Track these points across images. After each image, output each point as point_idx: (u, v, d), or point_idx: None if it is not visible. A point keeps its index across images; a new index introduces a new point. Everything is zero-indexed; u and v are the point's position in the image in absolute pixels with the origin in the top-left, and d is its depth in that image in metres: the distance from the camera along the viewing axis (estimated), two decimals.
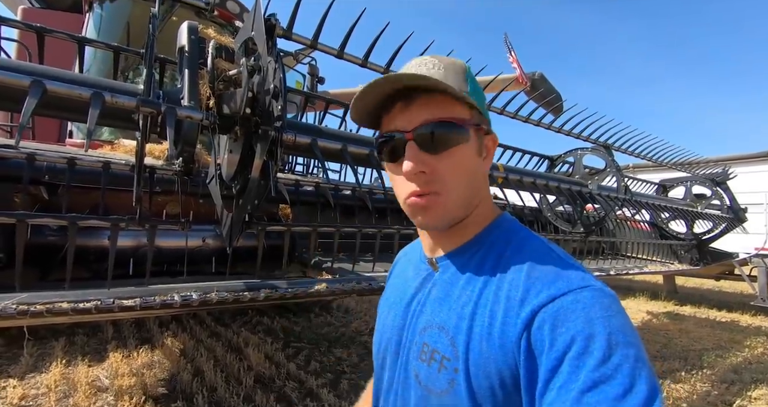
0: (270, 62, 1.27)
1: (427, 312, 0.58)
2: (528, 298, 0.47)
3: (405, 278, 0.68)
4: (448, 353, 0.51)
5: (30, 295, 1.24)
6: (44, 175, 1.71)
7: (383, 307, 0.71)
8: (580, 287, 0.46)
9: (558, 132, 2.74)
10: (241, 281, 1.85)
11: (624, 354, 0.40)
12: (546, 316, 0.44)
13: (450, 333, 0.52)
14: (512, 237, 0.57)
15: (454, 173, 0.54)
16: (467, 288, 0.55)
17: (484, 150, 0.58)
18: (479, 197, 0.59)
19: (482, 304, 0.51)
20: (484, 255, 0.56)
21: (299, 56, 3.88)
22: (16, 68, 0.90)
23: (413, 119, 0.54)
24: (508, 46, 8.46)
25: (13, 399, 2.39)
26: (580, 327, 0.42)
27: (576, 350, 0.41)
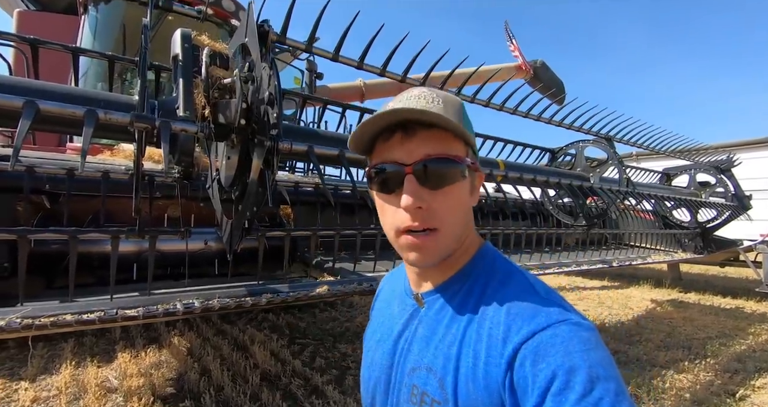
0: (264, 69, 1.26)
1: (414, 351, 0.58)
2: (509, 336, 0.47)
3: (391, 313, 0.67)
4: (438, 396, 0.51)
5: (35, 307, 1.25)
6: (45, 184, 1.72)
7: (370, 341, 0.70)
8: (558, 322, 0.46)
9: (558, 126, 2.72)
10: (242, 285, 1.87)
11: (605, 388, 0.41)
12: (527, 352, 0.45)
13: (438, 375, 0.52)
14: (495, 271, 0.57)
15: (451, 210, 0.54)
16: (452, 327, 0.55)
17: (472, 188, 0.59)
18: (466, 234, 0.59)
19: (466, 343, 0.51)
20: (469, 290, 0.56)
21: (296, 52, 3.83)
22: (9, 88, 0.90)
23: (414, 152, 0.53)
24: (508, 34, 8.34)
25: (25, 402, 2.44)
26: (560, 361, 0.42)
27: (557, 385, 0.41)
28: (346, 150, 1.53)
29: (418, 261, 0.56)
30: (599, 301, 5.82)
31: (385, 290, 0.75)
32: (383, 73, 1.68)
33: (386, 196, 0.57)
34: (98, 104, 1.10)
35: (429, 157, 0.53)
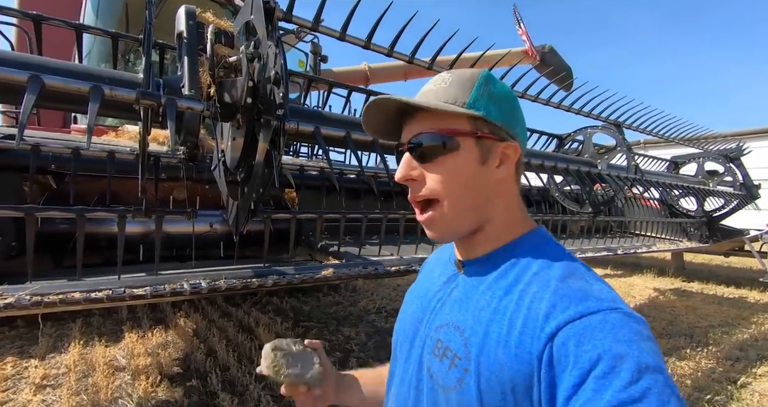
0: (270, 47, 1.24)
1: (445, 310, 0.60)
2: (554, 313, 0.47)
3: (431, 276, 0.71)
4: (461, 352, 0.53)
5: (43, 285, 1.26)
6: (51, 164, 1.72)
7: (409, 297, 0.74)
8: (610, 309, 0.45)
9: (568, 111, 2.67)
10: (249, 267, 1.88)
11: (653, 379, 0.40)
12: (571, 332, 0.44)
13: (465, 334, 0.54)
14: (543, 252, 0.57)
15: (446, 182, 0.57)
16: (487, 293, 0.56)
17: (494, 158, 0.58)
18: (489, 206, 0.59)
19: (501, 311, 0.52)
20: (511, 265, 0.57)
21: (301, 34, 3.78)
22: (14, 62, 0.89)
23: (411, 132, 0.60)
24: (517, 18, 8.18)
25: (36, 379, 2.50)
26: (608, 346, 0.42)
27: (602, 368, 0.40)
28: (353, 131, 1.51)
29: (431, 236, 0.60)
30: None
31: (433, 259, 0.79)
32: (391, 53, 1.65)
33: None
34: (103, 81, 1.08)
35: (419, 133, 0.58)
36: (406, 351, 0.66)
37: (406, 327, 0.68)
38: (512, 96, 0.61)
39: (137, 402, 2.29)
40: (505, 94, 0.60)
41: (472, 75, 0.59)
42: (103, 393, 2.35)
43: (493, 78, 0.60)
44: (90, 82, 0.92)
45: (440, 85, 0.58)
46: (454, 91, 0.57)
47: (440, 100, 0.57)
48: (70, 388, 2.40)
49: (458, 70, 0.60)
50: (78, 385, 2.46)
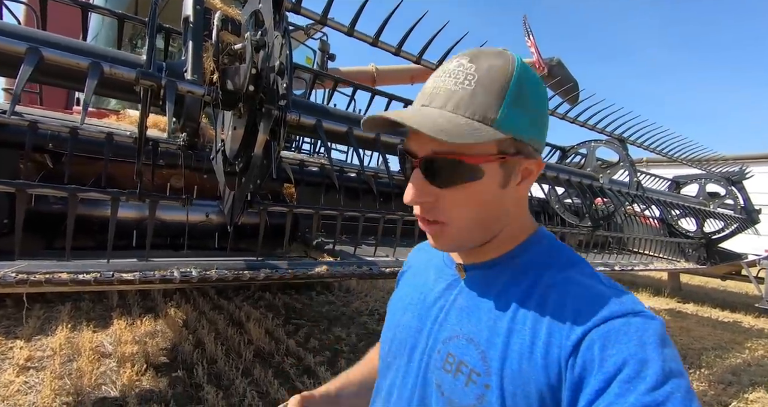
0: (277, 37, 1.23)
1: (451, 320, 0.56)
2: (579, 319, 0.45)
3: (425, 280, 0.65)
4: (479, 367, 0.49)
5: (30, 264, 1.24)
6: (48, 143, 1.70)
7: (397, 304, 0.68)
8: (634, 313, 0.45)
9: (572, 122, 2.67)
10: (241, 259, 1.86)
11: (677, 384, 0.39)
12: (596, 336, 0.43)
13: (481, 347, 0.50)
14: (552, 259, 0.54)
15: (461, 209, 0.51)
16: (500, 301, 0.52)
17: (517, 177, 0.52)
18: (500, 224, 0.55)
19: (520, 320, 0.49)
20: (518, 273, 0.54)
21: (310, 31, 3.78)
22: (13, 33, 0.87)
23: (422, 146, 0.50)
24: (527, 30, 8.18)
25: (20, 360, 2.47)
26: (633, 350, 0.41)
27: (627, 373, 0.40)
28: (356, 128, 1.50)
29: (437, 247, 0.56)
30: None
31: (419, 258, 0.72)
32: (398, 52, 1.64)
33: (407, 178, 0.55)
34: (106, 59, 1.07)
35: (435, 155, 0.49)
36: (404, 364, 0.60)
37: (403, 336, 0.61)
38: (543, 96, 0.52)
39: (121, 390, 2.26)
40: (538, 97, 0.51)
41: (505, 71, 0.48)
42: (87, 379, 2.32)
43: (526, 74, 0.49)
44: (89, 58, 0.91)
45: (463, 87, 0.47)
46: (481, 99, 0.47)
47: (462, 112, 0.47)
48: (54, 371, 2.38)
49: (484, 59, 0.49)
50: (62, 369, 2.43)
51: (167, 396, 2.25)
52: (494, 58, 0.49)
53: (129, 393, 2.21)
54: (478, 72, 0.47)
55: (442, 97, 0.48)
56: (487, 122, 0.46)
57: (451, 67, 0.49)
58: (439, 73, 0.51)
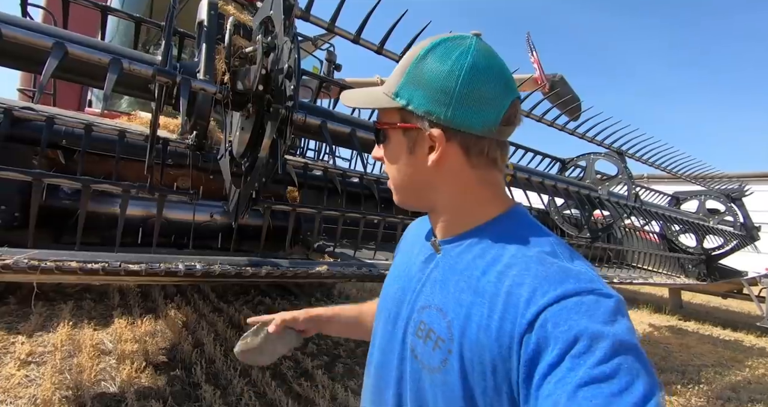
0: (286, 42, 1.29)
1: (426, 291, 0.61)
2: (534, 298, 0.47)
3: (410, 254, 0.71)
4: (444, 335, 0.54)
5: (42, 252, 1.29)
6: (62, 139, 1.77)
7: (390, 275, 0.75)
8: (588, 290, 0.46)
9: (571, 134, 2.72)
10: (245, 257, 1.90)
11: (625, 356, 0.41)
12: (550, 315, 0.45)
13: (448, 316, 0.55)
14: (521, 231, 0.57)
15: (389, 168, 0.63)
16: (465, 275, 0.56)
17: (421, 146, 0.57)
18: (432, 190, 0.61)
19: (481, 293, 0.52)
20: (489, 245, 0.57)
21: (318, 42, 3.89)
22: (40, 30, 0.94)
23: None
24: (530, 46, 8.31)
25: (21, 355, 2.49)
26: (584, 325, 0.43)
27: (578, 348, 0.42)
28: (359, 130, 1.55)
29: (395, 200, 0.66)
30: None
31: (412, 233, 0.79)
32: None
33: None
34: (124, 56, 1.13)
35: (375, 122, 0.65)
36: (390, 330, 0.66)
37: (389, 305, 0.69)
38: (454, 72, 0.53)
39: (120, 386, 2.28)
40: (442, 71, 0.53)
41: (413, 55, 0.56)
42: (87, 374, 2.34)
43: (435, 55, 0.54)
44: (110, 55, 0.97)
45: (394, 73, 0.59)
46: (393, 77, 0.58)
47: (384, 89, 0.60)
48: (55, 366, 2.40)
49: (411, 51, 0.58)
50: (62, 364, 2.46)
51: (165, 393, 2.26)
52: (435, 38, 0.56)
53: (128, 390, 2.22)
54: (407, 54, 0.58)
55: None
56: (389, 94, 0.57)
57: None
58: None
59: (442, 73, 0.53)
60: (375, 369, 0.69)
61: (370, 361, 0.72)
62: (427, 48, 0.55)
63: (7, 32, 0.86)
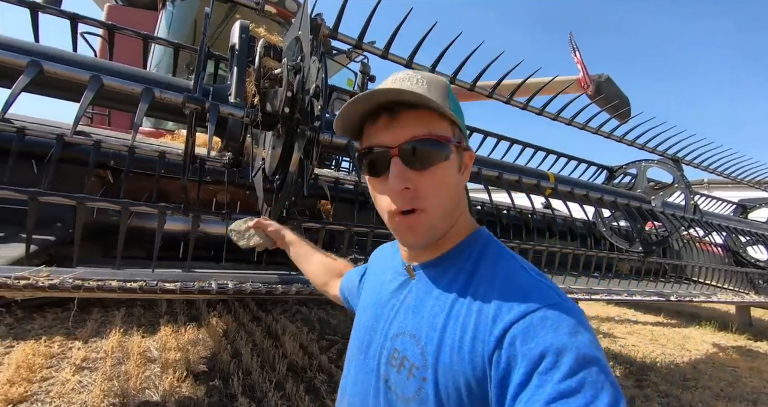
0: (314, 62, 1.29)
1: (399, 318, 0.60)
2: (500, 315, 0.48)
3: (382, 281, 0.70)
4: (418, 362, 0.53)
5: (86, 271, 1.35)
6: (110, 160, 1.87)
7: (361, 305, 0.73)
8: (550, 304, 0.47)
9: (619, 141, 2.54)
10: (276, 273, 1.91)
11: (589, 369, 0.42)
12: (517, 332, 0.46)
13: (421, 343, 0.54)
14: (486, 252, 0.58)
15: (438, 190, 0.56)
16: (440, 299, 0.56)
17: (462, 166, 0.59)
18: (457, 213, 0.60)
19: (454, 316, 0.53)
20: (460, 268, 0.58)
21: (352, 55, 3.93)
22: (80, 64, 0.99)
23: (399, 134, 0.54)
24: (573, 46, 8.00)
25: (77, 360, 2.66)
26: (549, 341, 0.44)
27: (545, 365, 0.43)
28: None
29: (412, 242, 0.60)
30: (652, 338, 5.34)
31: (378, 259, 0.78)
32: (432, 72, 1.66)
33: (376, 179, 0.58)
34: (160, 85, 1.17)
35: (414, 138, 0.54)
36: (362, 361, 0.65)
37: (361, 335, 0.67)
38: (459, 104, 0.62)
39: (162, 395, 2.37)
40: (458, 102, 0.60)
41: (443, 81, 0.59)
42: (133, 382, 2.45)
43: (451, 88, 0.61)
44: (142, 85, 1.00)
45: (420, 86, 0.55)
46: (436, 93, 0.55)
47: (430, 96, 0.54)
48: (105, 373, 2.53)
49: (425, 73, 0.58)
50: (112, 371, 2.59)
51: (203, 404, 2.32)
52: (431, 74, 0.59)
53: (169, 399, 2.30)
54: (425, 78, 0.57)
55: (408, 93, 0.53)
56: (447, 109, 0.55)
57: (401, 76, 0.58)
58: (390, 81, 0.58)
59: (460, 110, 0.60)
60: (349, 399, 0.66)
61: (343, 394, 0.70)
62: (447, 81, 0.60)
63: (48, 68, 0.91)
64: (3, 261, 1.37)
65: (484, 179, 1.74)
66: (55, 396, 2.21)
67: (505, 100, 1.86)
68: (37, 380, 2.37)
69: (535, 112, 1.96)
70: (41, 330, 3.18)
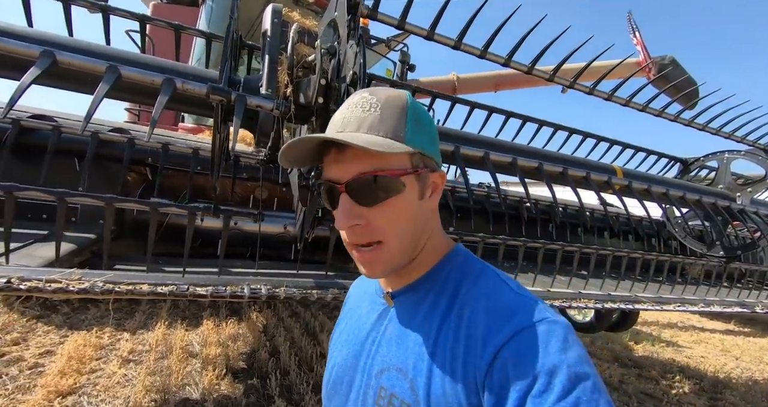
0: (351, 46, 1.14)
1: (382, 352, 0.57)
2: (489, 337, 0.47)
3: (359, 314, 0.65)
4: (408, 398, 0.50)
5: (117, 274, 1.31)
6: (148, 157, 1.84)
7: (336, 343, 0.67)
8: (537, 321, 0.47)
9: (688, 125, 2.17)
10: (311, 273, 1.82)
11: (582, 387, 0.42)
12: (508, 354, 0.45)
13: (409, 375, 0.51)
14: (467, 271, 0.56)
15: (392, 224, 0.53)
16: (424, 326, 0.54)
17: (429, 190, 0.56)
18: (425, 237, 0.57)
19: (441, 343, 0.51)
20: (440, 290, 0.55)
21: (392, 44, 3.75)
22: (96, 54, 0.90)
23: (347, 170, 0.52)
24: (632, 26, 7.37)
25: (124, 352, 2.74)
26: (540, 362, 0.43)
27: (538, 387, 0.42)
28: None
29: (370, 274, 0.56)
30: (723, 348, 4.82)
31: (356, 292, 0.74)
32: (483, 55, 1.47)
33: (335, 211, 0.56)
34: (186, 76, 1.07)
35: (361, 175, 0.51)
36: (342, 404, 0.60)
37: (339, 376, 0.62)
38: (430, 117, 0.58)
39: (201, 393, 2.37)
40: (427, 118, 0.56)
41: (401, 100, 0.54)
42: (174, 378, 2.47)
43: (415, 102, 0.56)
44: (163, 75, 0.90)
45: (371, 113, 0.52)
46: (390, 122, 0.51)
47: (377, 132, 0.51)
48: (149, 367, 2.58)
49: (381, 92, 0.54)
50: (155, 365, 2.64)
51: (241, 404, 2.29)
52: (389, 91, 0.55)
53: (208, 398, 2.29)
54: (380, 101, 0.53)
55: (354, 123, 0.52)
56: (399, 139, 0.51)
57: (355, 100, 0.54)
58: (345, 106, 0.55)
59: (427, 118, 0.56)
60: None
61: None
62: (408, 97, 0.55)
63: (62, 58, 0.83)
64: (40, 262, 1.35)
65: (546, 175, 1.53)
66: (101, 389, 2.26)
67: (569, 83, 1.62)
68: (86, 372, 2.44)
69: (603, 96, 1.71)
70: (94, 320, 3.32)
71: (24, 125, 1.51)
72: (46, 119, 1.63)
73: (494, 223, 2.41)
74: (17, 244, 1.49)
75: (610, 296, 1.95)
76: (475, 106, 2.25)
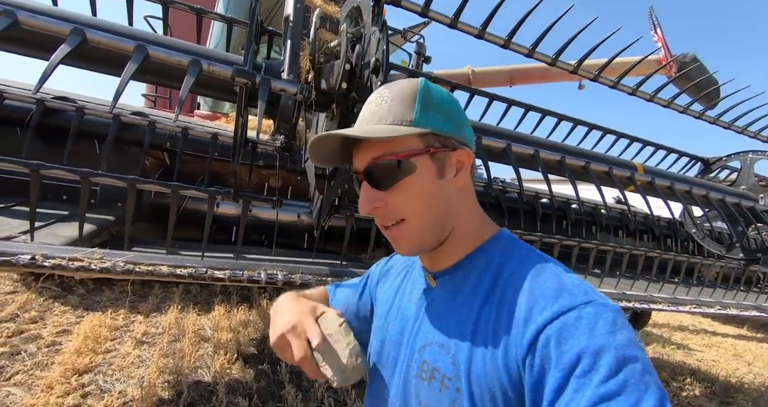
0: (374, 33, 1.13)
1: (425, 328, 0.59)
2: (532, 317, 0.46)
3: (403, 291, 0.68)
4: (450, 372, 0.52)
5: (137, 255, 1.33)
6: (166, 142, 1.86)
7: (380, 315, 0.70)
8: (584, 303, 0.45)
9: (712, 123, 2.12)
10: (326, 262, 1.82)
11: (631, 369, 0.40)
12: (551, 333, 0.44)
13: (451, 352, 0.53)
14: (511, 254, 0.57)
15: (410, 203, 0.55)
16: (466, 305, 0.55)
17: (451, 168, 0.57)
18: (452, 215, 0.58)
19: (483, 322, 0.51)
20: (483, 271, 0.56)
21: (408, 35, 3.72)
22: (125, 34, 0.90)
23: (362, 160, 0.56)
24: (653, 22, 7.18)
25: (137, 334, 2.79)
26: (586, 342, 0.42)
27: (582, 367, 0.41)
28: None
29: (400, 250, 0.59)
30: (735, 353, 4.74)
31: (398, 267, 0.75)
32: (507, 44, 1.44)
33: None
34: (210, 59, 1.07)
35: (373, 161, 0.55)
36: (388, 377, 0.63)
37: (387, 350, 0.64)
38: (452, 99, 0.59)
39: (213, 376, 2.41)
40: (446, 99, 0.58)
41: (412, 87, 0.56)
42: (187, 360, 2.51)
43: (431, 84, 0.57)
44: (190, 56, 0.90)
45: (381, 105, 0.56)
46: (396, 109, 0.54)
47: (384, 121, 0.54)
48: (162, 349, 2.63)
49: (396, 84, 0.57)
50: (168, 347, 2.69)
51: (252, 389, 2.32)
52: (403, 82, 0.58)
53: (220, 381, 2.33)
54: (392, 93, 0.56)
55: (368, 118, 0.56)
56: (405, 123, 0.53)
57: (372, 97, 0.59)
58: (366, 104, 0.59)
59: (448, 100, 0.58)
60: None
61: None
62: (423, 82, 0.57)
63: (91, 37, 0.84)
64: (61, 240, 1.38)
65: (568, 169, 1.50)
66: (116, 368, 2.31)
67: (592, 76, 1.59)
68: (101, 351, 2.50)
69: (627, 91, 1.67)
70: (108, 302, 3.39)
71: (48, 105, 1.53)
72: (69, 101, 1.65)
73: (509, 218, 2.39)
74: (40, 223, 1.53)
75: (624, 295, 1.93)
76: (494, 98, 2.22)
